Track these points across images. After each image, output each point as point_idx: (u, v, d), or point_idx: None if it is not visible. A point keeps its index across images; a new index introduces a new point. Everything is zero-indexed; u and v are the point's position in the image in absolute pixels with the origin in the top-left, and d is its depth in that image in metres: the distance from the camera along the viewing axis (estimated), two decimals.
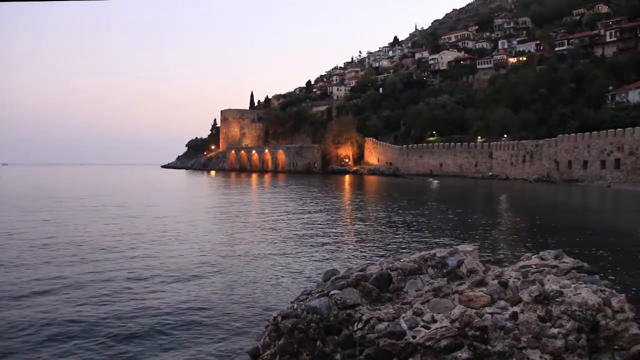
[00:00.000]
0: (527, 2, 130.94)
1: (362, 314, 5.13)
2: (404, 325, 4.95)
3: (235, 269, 13.01)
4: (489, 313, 4.88)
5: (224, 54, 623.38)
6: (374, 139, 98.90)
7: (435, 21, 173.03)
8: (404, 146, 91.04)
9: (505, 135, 74.77)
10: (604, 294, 4.92)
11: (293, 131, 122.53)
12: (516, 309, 4.90)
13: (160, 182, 71.32)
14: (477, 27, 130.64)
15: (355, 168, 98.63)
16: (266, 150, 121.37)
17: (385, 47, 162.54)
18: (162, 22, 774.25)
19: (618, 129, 54.63)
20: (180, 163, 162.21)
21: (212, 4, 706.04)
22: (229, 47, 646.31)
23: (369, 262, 6.21)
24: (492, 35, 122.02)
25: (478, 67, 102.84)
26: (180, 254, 14.96)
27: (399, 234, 19.07)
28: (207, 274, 12.40)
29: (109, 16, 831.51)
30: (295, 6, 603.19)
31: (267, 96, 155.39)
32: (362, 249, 15.90)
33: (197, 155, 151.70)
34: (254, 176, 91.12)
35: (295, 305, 5.44)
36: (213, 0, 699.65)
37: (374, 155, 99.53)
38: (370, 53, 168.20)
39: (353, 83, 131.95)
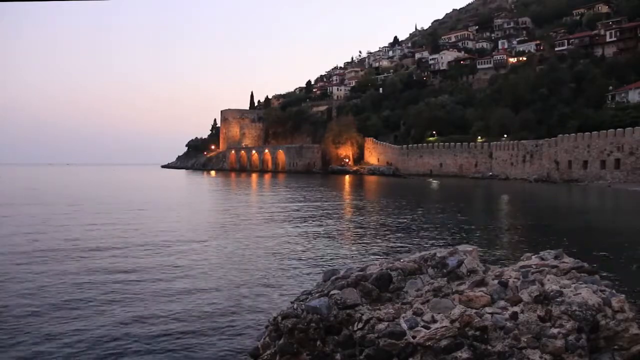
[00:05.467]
0: (527, 2, 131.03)
1: (362, 314, 5.13)
2: (404, 325, 4.95)
3: (235, 269, 13.01)
4: (489, 313, 4.88)
5: (224, 54, 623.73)
6: (374, 139, 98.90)
7: (435, 21, 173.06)
8: (404, 146, 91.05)
9: (505, 135, 74.75)
10: (604, 294, 4.92)
11: (293, 131, 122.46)
12: (516, 309, 4.90)
13: (160, 183, 71.30)
14: (477, 27, 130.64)
15: (355, 168, 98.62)
16: (266, 150, 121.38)
17: (385, 47, 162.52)
18: (161, 23, 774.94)
19: (618, 129, 54.61)
20: (180, 163, 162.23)
21: (211, 5, 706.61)
22: (229, 47, 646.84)
23: (369, 262, 6.21)
24: (492, 35, 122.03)
25: (478, 67, 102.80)
26: (179, 254, 14.96)
27: (399, 234, 19.07)
28: (206, 273, 12.40)
29: (108, 15, 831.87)
30: (296, 7, 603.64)
31: (267, 96, 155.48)
32: (362, 249, 15.89)
33: (197, 155, 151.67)
34: (254, 176, 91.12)
35: (295, 305, 5.44)
36: (213, 1, 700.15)
37: (374, 155, 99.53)
38: (370, 53, 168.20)
39: (353, 83, 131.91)
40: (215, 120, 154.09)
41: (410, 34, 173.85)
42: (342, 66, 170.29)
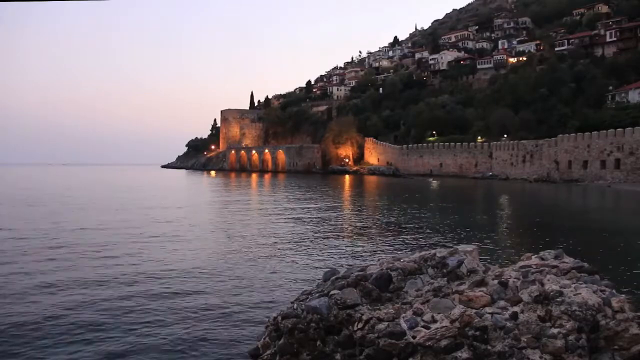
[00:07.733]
0: (527, 2, 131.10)
1: (362, 314, 5.12)
2: (404, 325, 4.94)
3: (234, 269, 13.01)
4: (489, 313, 4.88)
5: (224, 54, 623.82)
6: (374, 139, 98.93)
7: (435, 21, 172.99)
8: (404, 146, 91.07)
9: (505, 135, 74.76)
10: (604, 294, 4.91)
11: (293, 131, 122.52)
12: (516, 309, 4.90)
13: (160, 183, 71.30)
14: (477, 27, 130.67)
15: (355, 168, 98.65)
16: (266, 150, 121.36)
17: (385, 47, 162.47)
18: (161, 23, 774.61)
19: (618, 129, 54.63)
20: (180, 163, 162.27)
21: (211, 6, 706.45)
22: (229, 47, 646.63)
23: (369, 262, 6.21)
24: (492, 35, 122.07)
25: (478, 67, 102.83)
26: (179, 255, 14.95)
27: (399, 234, 19.06)
28: (206, 274, 12.39)
29: (107, 15, 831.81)
30: (295, 7, 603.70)
31: (267, 96, 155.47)
32: (362, 249, 15.89)
33: (197, 155, 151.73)
34: (254, 176, 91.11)
35: (295, 305, 5.43)
36: (213, 2, 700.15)
37: (374, 155, 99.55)
38: (370, 53, 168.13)
39: (353, 83, 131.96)
40: (215, 120, 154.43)
41: (410, 34, 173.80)
42: (342, 66, 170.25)
